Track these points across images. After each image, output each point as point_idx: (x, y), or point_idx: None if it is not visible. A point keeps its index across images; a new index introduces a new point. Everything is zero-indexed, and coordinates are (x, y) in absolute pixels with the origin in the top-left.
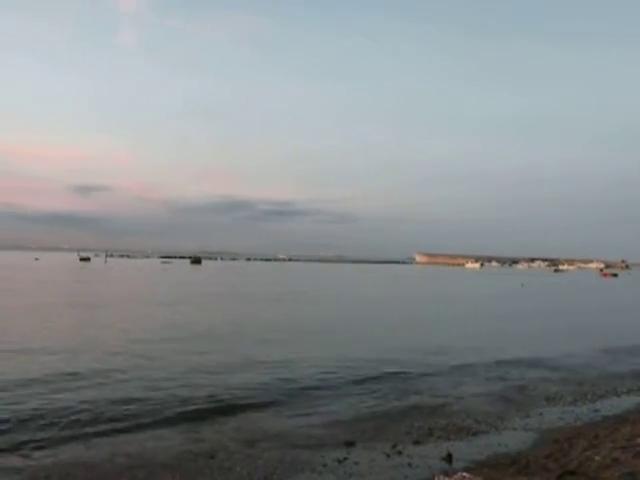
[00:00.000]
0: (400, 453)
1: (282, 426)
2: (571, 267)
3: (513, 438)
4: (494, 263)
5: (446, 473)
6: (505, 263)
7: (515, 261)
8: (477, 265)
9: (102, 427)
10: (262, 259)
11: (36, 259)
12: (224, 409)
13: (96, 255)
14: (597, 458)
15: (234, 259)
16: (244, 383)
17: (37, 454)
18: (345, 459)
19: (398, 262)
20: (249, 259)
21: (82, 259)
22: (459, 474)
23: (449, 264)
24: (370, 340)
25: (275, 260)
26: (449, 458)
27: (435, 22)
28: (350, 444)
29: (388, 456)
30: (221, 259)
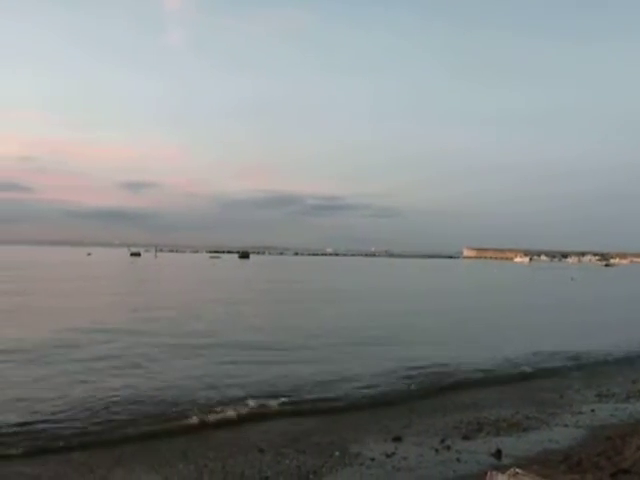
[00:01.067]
0: (449, 448)
1: (328, 420)
2: (623, 261)
3: (564, 434)
4: (543, 257)
5: (498, 469)
6: (555, 257)
7: (565, 255)
8: (526, 259)
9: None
10: (309, 254)
11: (88, 254)
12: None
13: (146, 250)
14: None
15: (281, 254)
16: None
17: None
18: (393, 454)
19: (446, 256)
20: (296, 254)
21: (133, 254)
22: (512, 470)
23: (497, 258)
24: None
25: (322, 255)
26: (498, 454)
27: (453, 17)
28: (397, 439)
29: (437, 451)
30: (269, 254)
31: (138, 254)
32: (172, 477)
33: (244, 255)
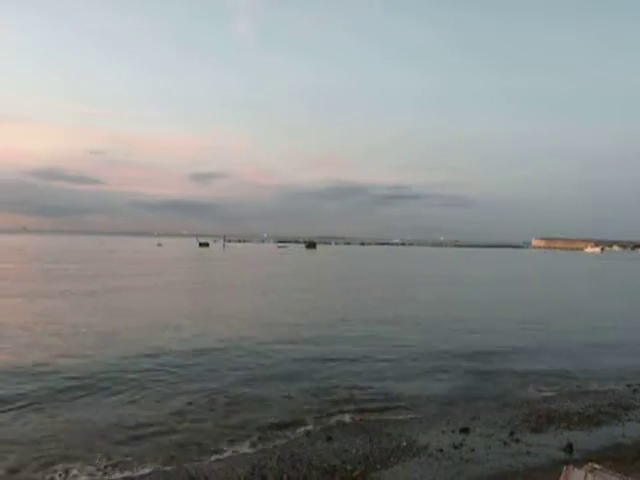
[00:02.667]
0: (518, 441)
1: (397, 411)
2: None
3: (638, 430)
4: (615, 247)
5: (574, 464)
6: (627, 247)
7: (638, 245)
8: (597, 249)
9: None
10: (376, 243)
11: (158, 245)
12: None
13: (214, 240)
14: None
15: (348, 243)
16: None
17: None
18: (461, 445)
19: (514, 246)
20: (363, 243)
21: (201, 244)
22: (589, 465)
23: (567, 248)
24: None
25: (389, 244)
26: (569, 448)
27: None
28: (465, 430)
29: (505, 443)
30: (335, 244)
31: (207, 244)
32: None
33: (311, 245)
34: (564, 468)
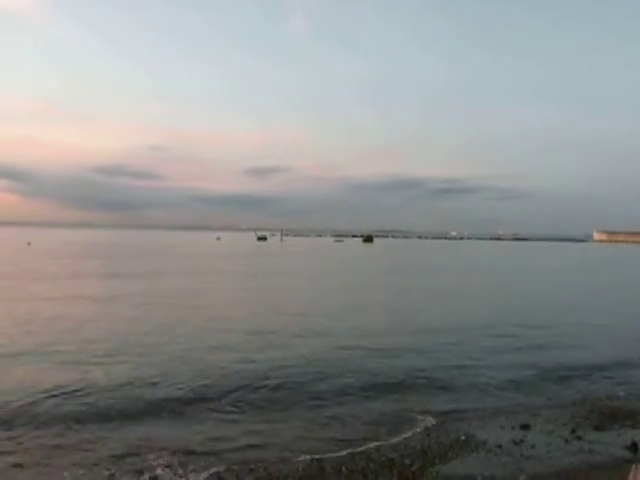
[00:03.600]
0: (580, 438)
1: (451, 406)
2: None
3: None
4: None
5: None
6: None
7: None
8: None
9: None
10: (433, 237)
11: (217, 239)
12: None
13: (272, 234)
14: None
15: (405, 237)
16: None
17: None
18: (521, 441)
19: (575, 240)
20: (420, 237)
21: (259, 238)
22: None
23: (631, 242)
24: None
25: (446, 238)
26: (634, 447)
27: None
28: (525, 427)
29: (567, 441)
30: (392, 237)
31: (264, 238)
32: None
33: (368, 239)
34: (633, 467)
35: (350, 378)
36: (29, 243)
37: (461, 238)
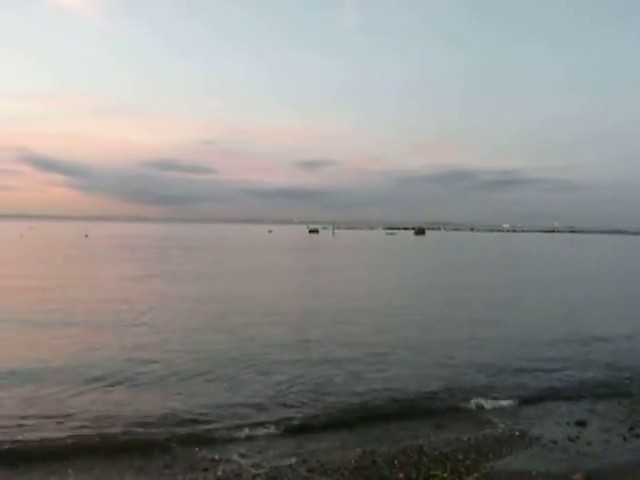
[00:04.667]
0: (638, 436)
1: (506, 402)
2: None
3: None
4: None
5: None
6: None
7: None
8: None
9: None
10: (485, 230)
11: (269, 231)
12: None
13: (323, 227)
14: None
15: (457, 229)
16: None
17: None
18: (577, 438)
19: (631, 233)
20: (472, 230)
21: (311, 231)
22: None
23: None
24: None
25: (499, 231)
26: None
27: None
28: (581, 423)
29: (625, 439)
30: (444, 229)
31: (316, 231)
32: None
33: (420, 231)
34: None
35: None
36: (86, 235)
37: (514, 231)
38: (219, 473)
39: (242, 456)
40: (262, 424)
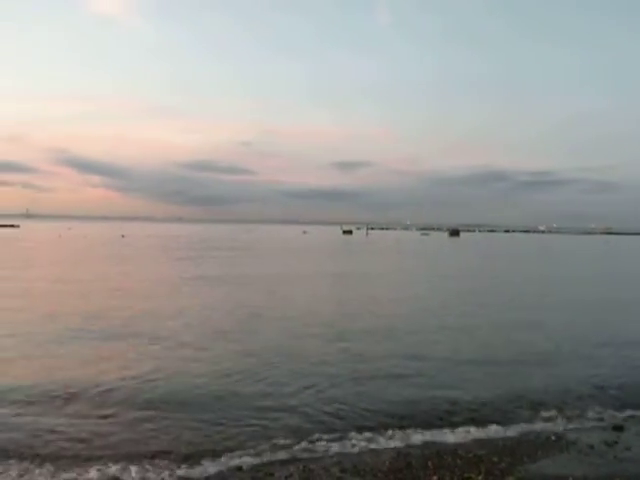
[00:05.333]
0: None
1: (544, 406)
2: None
3: None
4: None
5: None
6: None
7: None
8: None
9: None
10: (521, 231)
11: (304, 232)
12: None
13: (357, 228)
14: None
15: (492, 231)
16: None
17: None
18: (615, 443)
19: None
20: (507, 231)
21: (345, 232)
22: None
23: None
24: None
25: (534, 232)
26: None
27: None
28: (619, 428)
29: None
30: (479, 231)
31: (350, 232)
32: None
33: (454, 233)
34: None
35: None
36: (123, 236)
37: (550, 232)
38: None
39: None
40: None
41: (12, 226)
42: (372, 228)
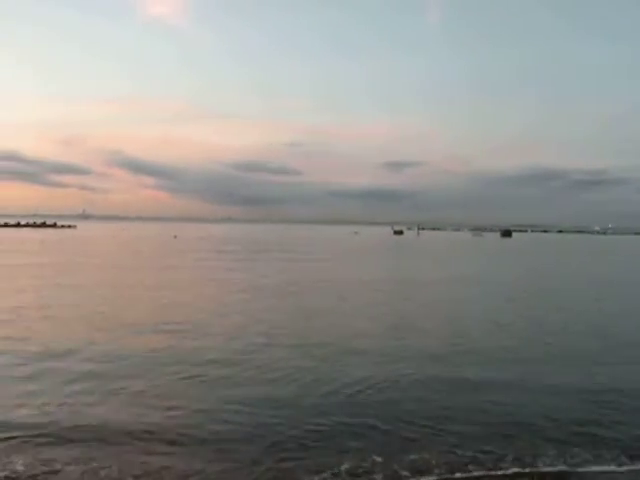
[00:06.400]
0: None
1: None
2: None
3: None
4: None
5: None
6: None
7: None
8: None
9: None
10: (575, 231)
11: (355, 233)
12: None
13: (408, 228)
14: None
15: (545, 231)
16: None
17: None
18: None
19: None
20: (560, 231)
21: (396, 232)
22: None
23: None
24: None
25: (589, 233)
26: None
27: None
28: None
29: None
30: (531, 231)
31: (401, 232)
32: None
33: (506, 233)
34: None
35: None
36: (175, 236)
37: (604, 233)
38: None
39: None
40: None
41: (69, 227)
42: (423, 228)
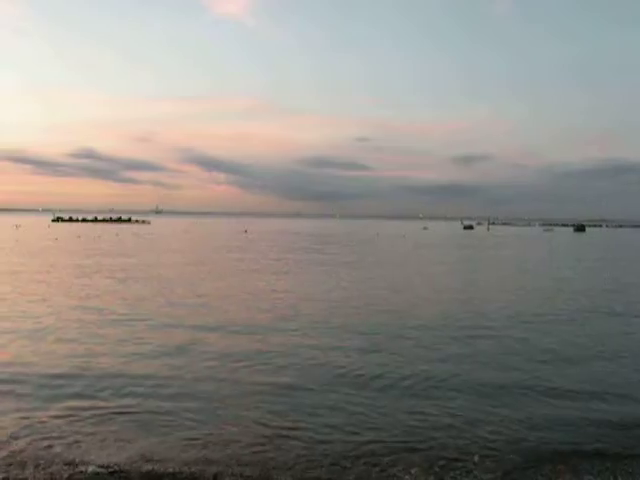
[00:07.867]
0: None
1: None
2: None
3: None
4: None
5: None
6: None
7: None
8: None
9: None
10: None
11: (424, 228)
12: None
13: (478, 223)
14: None
15: (620, 226)
16: None
17: None
18: None
19: None
20: (637, 226)
21: (465, 227)
22: None
23: None
24: None
25: None
26: None
27: None
28: None
29: None
30: (606, 226)
31: (471, 227)
32: None
33: (580, 228)
34: None
35: None
36: (245, 231)
37: None
38: None
39: None
40: None
41: (144, 222)
42: (493, 223)
